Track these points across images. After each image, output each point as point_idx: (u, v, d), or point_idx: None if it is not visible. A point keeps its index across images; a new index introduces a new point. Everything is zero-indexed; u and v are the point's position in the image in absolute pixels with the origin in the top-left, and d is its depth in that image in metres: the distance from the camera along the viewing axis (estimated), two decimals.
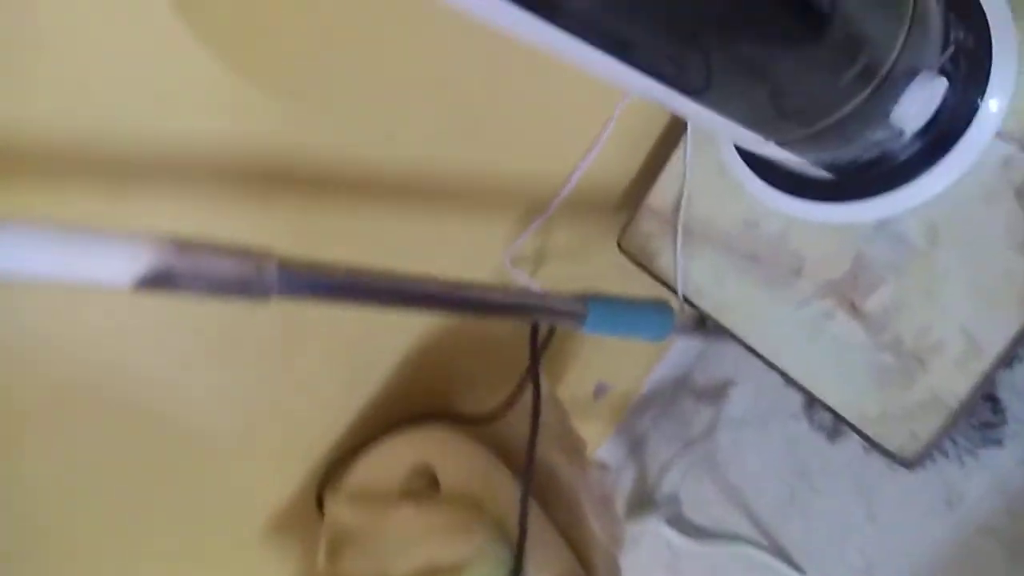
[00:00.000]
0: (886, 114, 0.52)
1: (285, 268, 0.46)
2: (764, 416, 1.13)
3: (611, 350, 1.01)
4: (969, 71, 0.56)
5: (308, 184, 0.55)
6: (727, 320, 0.71)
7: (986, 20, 0.57)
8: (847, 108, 0.49)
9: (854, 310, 0.64)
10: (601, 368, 1.03)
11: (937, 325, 0.60)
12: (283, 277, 0.46)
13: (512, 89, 0.64)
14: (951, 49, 0.55)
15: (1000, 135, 0.58)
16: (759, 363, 0.67)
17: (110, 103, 0.44)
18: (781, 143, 0.52)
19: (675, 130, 0.76)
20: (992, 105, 0.57)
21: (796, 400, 1.09)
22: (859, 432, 0.64)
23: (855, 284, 0.64)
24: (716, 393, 1.18)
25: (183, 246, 0.43)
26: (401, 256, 0.47)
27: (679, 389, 1.22)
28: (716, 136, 0.70)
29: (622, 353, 1.05)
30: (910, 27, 0.47)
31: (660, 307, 0.68)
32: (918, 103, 0.51)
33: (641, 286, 0.71)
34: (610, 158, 0.74)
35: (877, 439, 0.63)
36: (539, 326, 0.61)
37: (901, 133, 0.54)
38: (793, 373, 0.67)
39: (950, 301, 0.59)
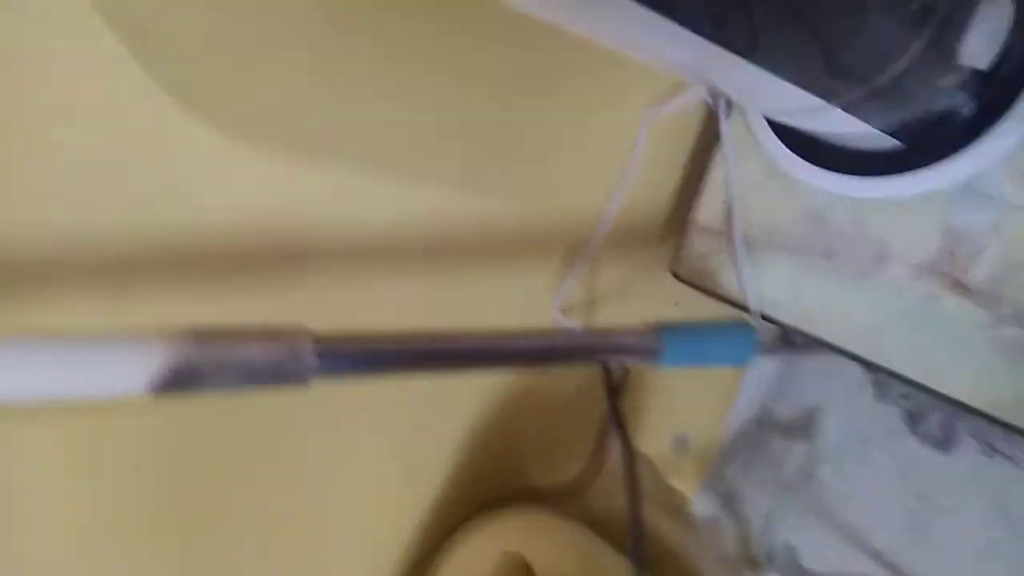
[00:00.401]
0: (953, 54, 0.46)
1: (321, 346, 0.41)
2: (863, 440, 1.03)
3: (681, 397, 0.93)
4: None
5: (330, 254, 0.50)
6: (816, 329, 0.63)
7: None
8: (912, 50, 0.43)
9: (960, 287, 0.56)
10: (673, 419, 0.95)
11: None
12: (321, 356, 0.41)
13: (533, 126, 0.60)
14: None
15: None
16: (841, 383, 0.60)
17: (92, 194, 0.40)
18: (847, 106, 0.46)
19: (707, 140, 0.71)
20: None
21: (894, 414, 0.99)
22: (998, 422, 0.55)
23: (953, 259, 0.57)
24: (804, 425, 1.08)
25: (203, 336, 0.38)
26: (438, 322, 0.41)
27: (762, 428, 1.12)
28: (758, 132, 0.65)
29: (693, 398, 0.97)
30: None
31: (740, 327, 0.61)
32: (985, 34, 0.45)
33: (704, 314, 0.64)
34: (645, 182, 0.69)
35: (1020, 425, 0.54)
36: (611, 368, 0.54)
37: (972, 74, 0.47)
38: (906, 371, 0.59)
39: None
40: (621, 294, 0.73)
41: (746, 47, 0.37)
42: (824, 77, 0.44)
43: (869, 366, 0.61)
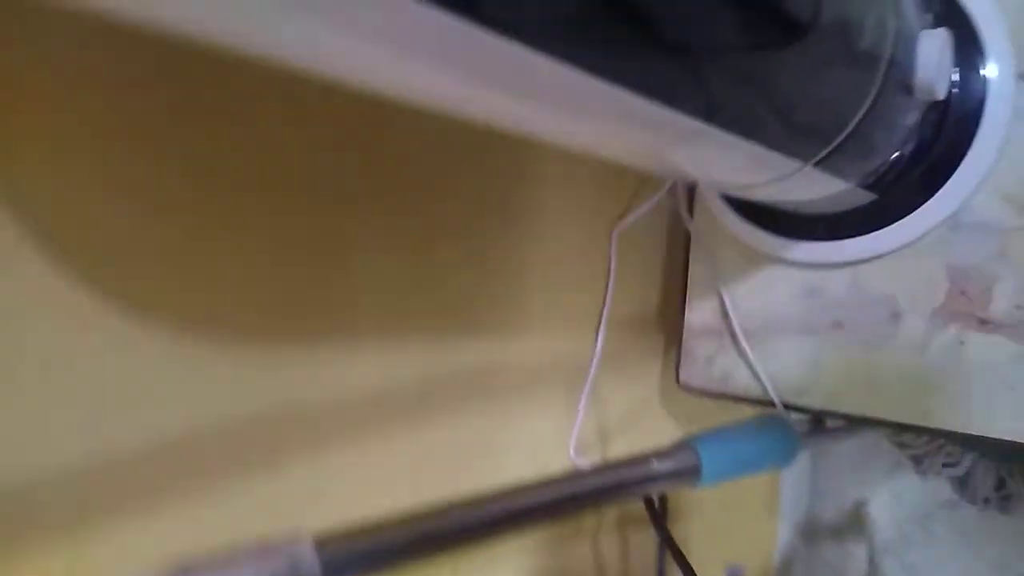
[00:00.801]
0: (908, 91, 0.46)
1: (324, 549, 0.35)
2: (919, 520, 0.95)
3: (721, 522, 0.86)
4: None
5: (314, 435, 0.45)
6: (847, 406, 0.59)
7: None
8: (868, 98, 0.42)
9: (983, 324, 0.53)
10: (720, 547, 0.86)
11: None
12: (324, 560, 0.34)
13: (500, 266, 0.57)
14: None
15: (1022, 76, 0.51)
16: (879, 468, 0.54)
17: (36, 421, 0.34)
18: (820, 164, 0.44)
19: (680, 241, 0.69)
20: (995, 47, 0.51)
21: (942, 486, 0.93)
22: None
23: (967, 297, 0.54)
24: (853, 522, 1.00)
25: (189, 569, 0.32)
26: (444, 493, 0.36)
27: (812, 539, 1.03)
28: (725, 217, 0.63)
29: (735, 521, 0.89)
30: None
31: (774, 423, 0.56)
32: (934, 66, 0.45)
33: (722, 418, 0.59)
34: (630, 298, 0.66)
35: None
36: (652, 497, 0.48)
37: (929, 100, 0.46)
38: (954, 426, 0.54)
39: None
40: (631, 418, 0.68)
41: (705, 112, 0.35)
42: (787, 140, 0.42)
43: (914, 429, 0.55)
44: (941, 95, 0.46)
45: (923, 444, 0.92)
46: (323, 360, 0.45)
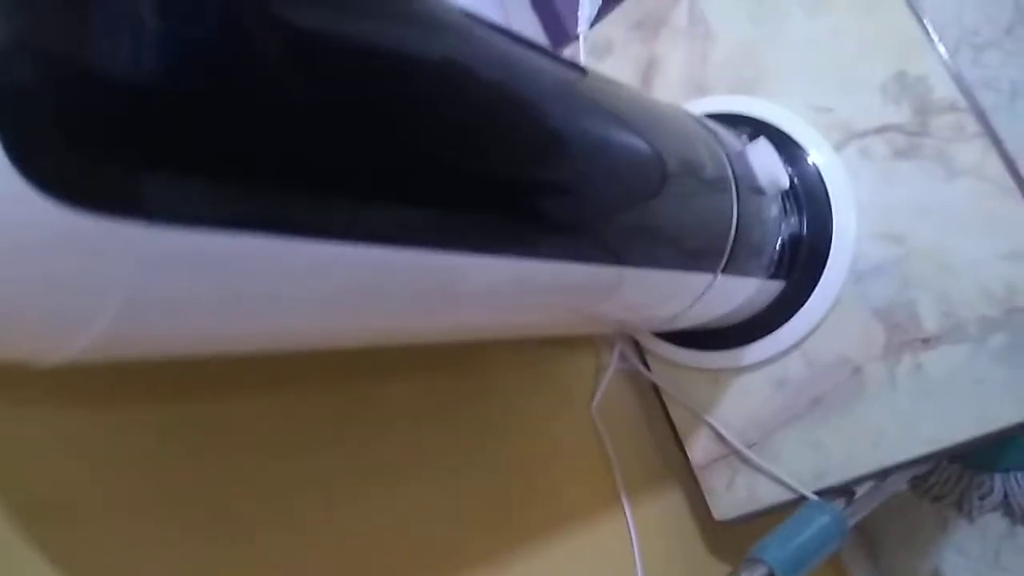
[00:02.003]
0: (759, 191, 0.55)
1: None
2: (991, 562, 0.94)
3: None
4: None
5: None
6: (861, 468, 0.62)
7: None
8: (734, 202, 0.51)
9: (927, 343, 0.59)
10: None
11: (983, 275, 0.57)
12: None
13: (488, 475, 0.59)
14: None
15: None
16: (929, 530, 0.57)
17: None
18: (732, 269, 0.51)
19: (646, 393, 0.74)
20: (806, 138, 0.63)
21: (992, 520, 0.93)
22: None
23: (903, 328, 0.60)
24: None
25: None
26: None
27: None
28: (681, 358, 0.69)
29: None
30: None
31: (812, 507, 0.58)
32: (766, 165, 0.55)
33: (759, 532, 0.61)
34: (626, 456, 0.68)
35: None
36: None
37: (779, 192, 0.56)
38: (958, 436, 0.58)
39: (965, 256, 0.57)
40: (692, 563, 0.68)
41: (622, 259, 0.42)
42: (693, 258, 0.49)
43: (926, 458, 0.59)
44: (785, 184, 0.56)
45: (952, 487, 0.94)
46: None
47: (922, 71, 0.60)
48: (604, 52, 0.75)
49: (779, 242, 0.60)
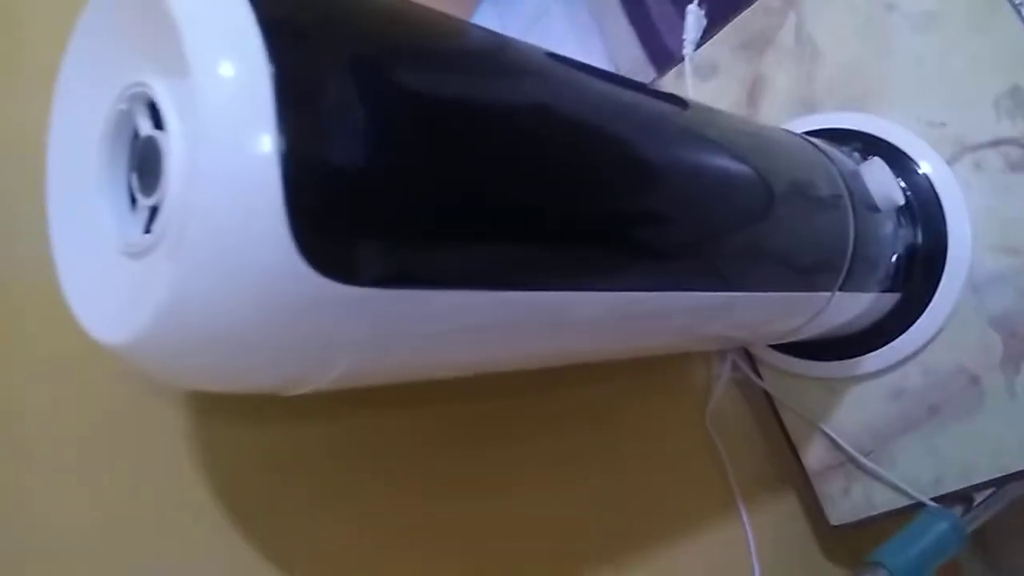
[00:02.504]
0: (874, 209, 0.57)
1: None
2: None
3: None
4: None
5: None
6: (979, 476, 0.63)
7: None
8: (851, 221, 0.53)
9: None
10: None
11: None
12: None
13: (617, 493, 0.63)
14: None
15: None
16: None
17: None
18: (849, 286, 0.54)
19: (759, 402, 0.76)
20: (919, 152, 0.64)
21: None
22: None
23: (1020, 337, 0.61)
24: None
25: None
26: None
27: None
28: (798, 368, 0.71)
29: None
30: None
31: (930, 513, 0.60)
32: (880, 183, 0.57)
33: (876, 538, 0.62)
34: (741, 463, 0.71)
35: None
36: None
37: (894, 208, 0.58)
38: None
39: None
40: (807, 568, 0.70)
41: (747, 284, 0.45)
42: (811, 279, 0.52)
43: None
44: (900, 201, 0.58)
45: None
46: None
47: None
48: (710, 73, 0.78)
49: (895, 256, 0.62)
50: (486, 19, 1.88)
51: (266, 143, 0.22)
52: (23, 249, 0.35)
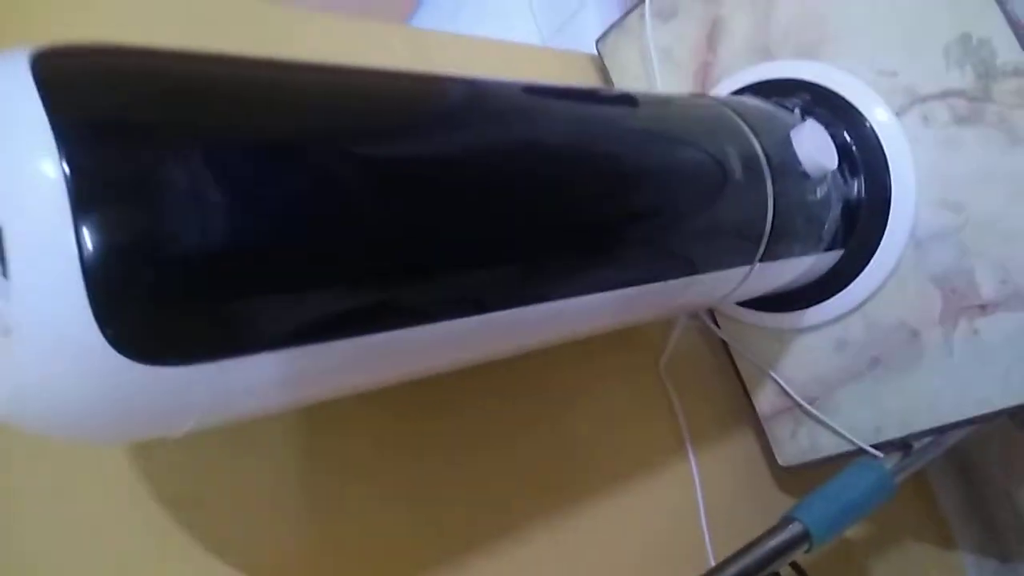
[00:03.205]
0: (805, 174, 0.57)
1: None
2: None
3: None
4: None
5: None
6: (920, 424, 0.64)
7: None
8: (769, 195, 0.54)
9: (984, 309, 0.60)
10: None
11: None
12: None
13: (584, 439, 0.67)
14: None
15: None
16: None
17: None
18: (775, 256, 0.55)
19: (716, 350, 0.78)
20: (866, 101, 0.63)
21: None
22: None
23: (960, 294, 0.61)
24: None
25: None
26: None
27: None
28: (745, 318, 0.73)
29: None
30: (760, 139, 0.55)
31: (860, 465, 0.63)
32: (809, 150, 0.57)
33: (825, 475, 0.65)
34: (694, 407, 0.74)
35: None
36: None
37: (825, 175, 0.58)
38: (1010, 401, 0.59)
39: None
40: (758, 502, 0.74)
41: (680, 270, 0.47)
42: (729, 255, 0.53)
43: (979, 420, 0.61)
44: (832, 167, 0.57)
45: None
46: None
47: (985, 33, 0.58)
48: (670, 16, 0.76)
49: (831, 217, 0.62)
50: None
51: (66, 243, 0.25)
52: None
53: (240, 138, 0.30)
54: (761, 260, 0.55)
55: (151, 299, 0.27)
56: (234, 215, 0.29)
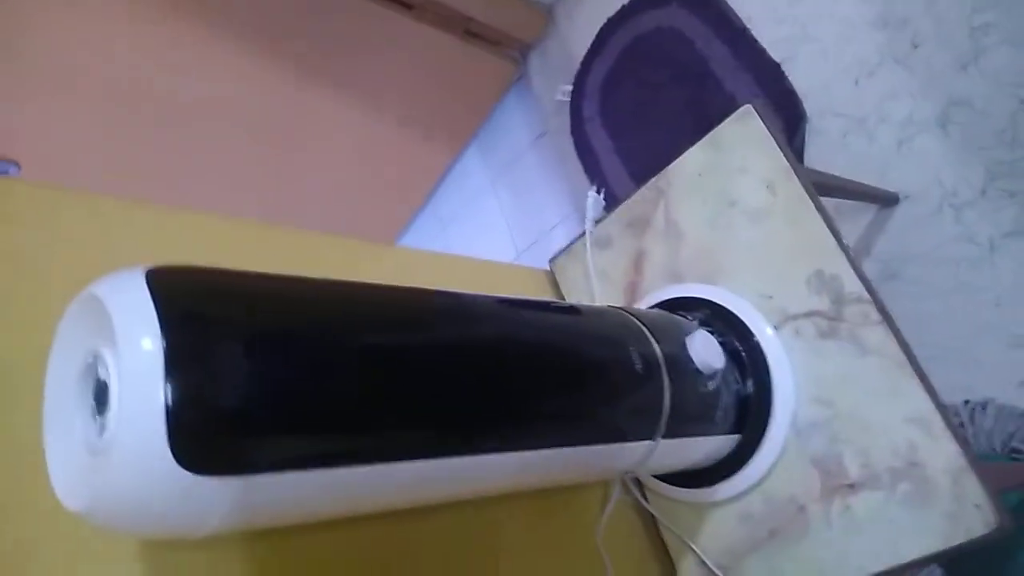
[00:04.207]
0: (697, 371, 0.73)
1: None
2: None
3: None
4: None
5: None
6: None
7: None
8: (666, 384, 0.69)
9: (852, 488, 0.73)
10: None
11: (891, 434, 0.71)
12: None
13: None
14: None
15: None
16: None
17: None
18: (674, 433, 0.69)
19: (649, 522, 0.90)
20: (752, 323, 0.80)
21: None
22: (953, 551, 0.67)
23: (832, 475, 0.75)
24: None
25: None
26: None
27: None
28: (662, 490, 0.85)
29: None
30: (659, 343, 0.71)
31: None
32: (700, 352, 0.73)
33: None
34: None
35: (970, 537, 0.66)
36: None
37: (715, 372, 0.73)
38: (881, 567, 0.70)
39: (877, 419, 0.72)
40: None
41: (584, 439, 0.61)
42: (635, 429, 0.67)
43: None
44: (718, 366, 0.73)
45: None
46: None
47: (835, 270, 0.76)
48: (606, 245, 0.96)
49: (724, 405, 0.76)
50: (472, 163, 2.12)
51: (158, 397, 0.39)
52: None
53: (263, 333, 0.45)
54: (664, 437, 0.69)
55: (204, 433, 0.41)
56: (257, 386, 0.43)
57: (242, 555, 0.61)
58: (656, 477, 0.87)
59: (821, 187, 0.95)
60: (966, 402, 1.16)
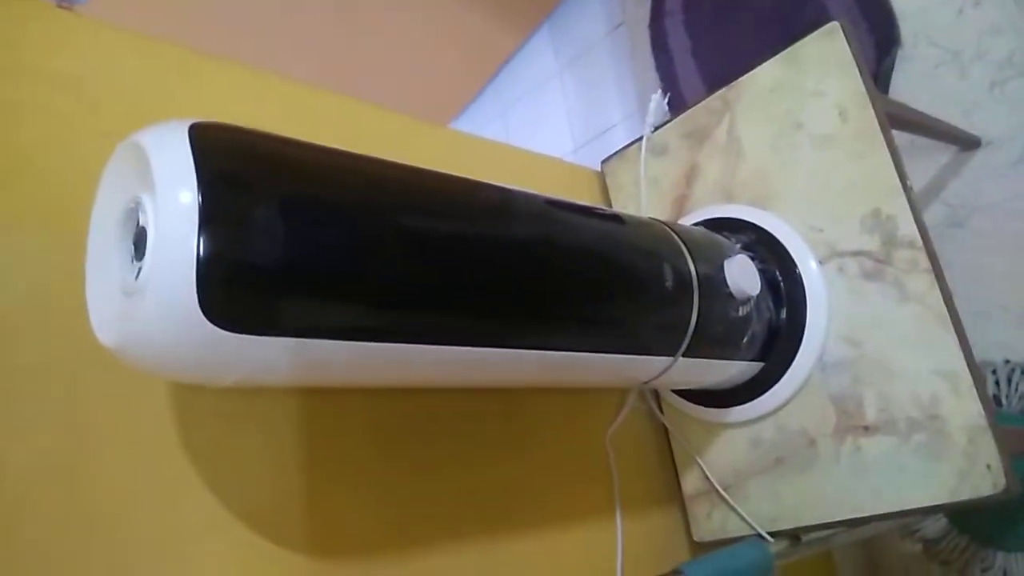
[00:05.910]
0: (730, 295, 0.72)
1: None
2: None
3: None
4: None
5: None
6: (808, 519, 0.77)
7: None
8: (694, 304, 0.68)
9: (867, 430, 0.73)
10: None
11: (916, 384, 0.70)
12: None
13: (521, 494, 0.80)
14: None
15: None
16: None
17: None
18: (695, 353, 0.69)
19: (659, 431, 0.91)
20: (797, 251, 0.78)
21: None
22: (956, 506, 0.67)
23: (849, 415, 0.74)
24: None
25: None
26: None
27: None
28: (682, 407, 0.86)
29: None
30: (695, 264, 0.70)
31: (747, 542, 0.75)
32: (736, 278, 0.71)
33: None
34: (630, 478, 0.87)
35: (976, 496, 0.66)
36: None
37: (748, 299, 0.72)
38: (880, 510, 0.71)
39: (905, 367, 0.71)
40: None
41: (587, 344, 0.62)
42: (655, 344, 0.67)
43: (855, 522, 0.73)
44: (753, 293, 0.72)
45: (959, 555, 1.03)
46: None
47: (893, 211, 0.73)
48: (661, 152, 0.93)
49: (753, 332, 0.76)
50: (542, 47, 2.04)
51: (191, 249, 0.40)
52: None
53: (300, 200, 0.46)
54: (684, 355, 0.69)
55: (232, 289, 0.42)
56: (288, 250, 0.44)
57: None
58: (674, 391, 0.88)
59: (899, 120, 0.90)
60: (1007, 361, 1.13)
